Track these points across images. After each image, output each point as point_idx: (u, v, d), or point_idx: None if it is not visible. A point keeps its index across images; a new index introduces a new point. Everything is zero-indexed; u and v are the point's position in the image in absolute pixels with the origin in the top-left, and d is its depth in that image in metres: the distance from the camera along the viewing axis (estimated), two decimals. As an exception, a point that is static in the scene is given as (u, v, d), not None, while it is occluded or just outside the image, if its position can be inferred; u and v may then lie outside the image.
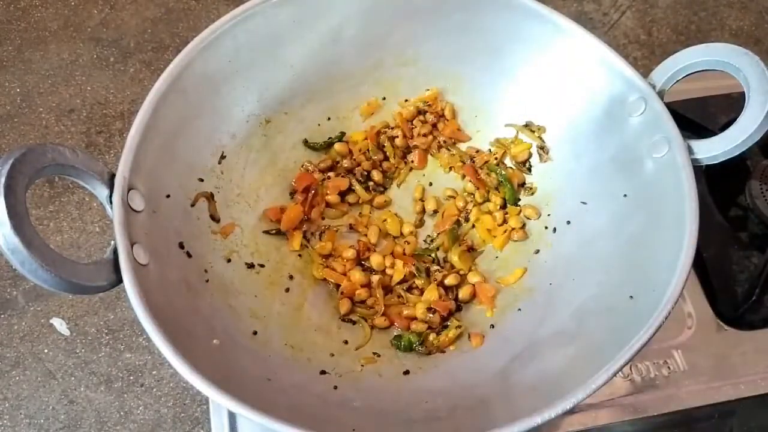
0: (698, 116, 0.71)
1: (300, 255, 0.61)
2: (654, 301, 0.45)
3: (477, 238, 0.62)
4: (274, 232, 0.60)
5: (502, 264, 0.61)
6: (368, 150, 0.64)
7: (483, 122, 0.66)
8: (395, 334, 0.57)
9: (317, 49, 0.61)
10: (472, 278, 0.59)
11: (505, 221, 0.61)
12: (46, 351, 0.78)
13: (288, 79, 0.61)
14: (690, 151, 0.51)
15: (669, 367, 0.61)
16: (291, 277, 0.59)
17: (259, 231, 0.60)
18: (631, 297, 0.48)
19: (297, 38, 0.60)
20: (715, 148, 0.51)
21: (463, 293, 0.58)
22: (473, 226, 0.62)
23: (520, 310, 0.57)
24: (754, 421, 0.62)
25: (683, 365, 0.61)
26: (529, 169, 0.63)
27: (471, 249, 0.61)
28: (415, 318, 0.57)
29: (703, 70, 0.53)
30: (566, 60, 0.58)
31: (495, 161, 0.63)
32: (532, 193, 0.62)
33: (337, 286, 0.59)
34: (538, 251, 0.60)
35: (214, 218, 0.57)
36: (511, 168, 0.63)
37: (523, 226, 0.61)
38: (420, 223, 0.63)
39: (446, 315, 0.56)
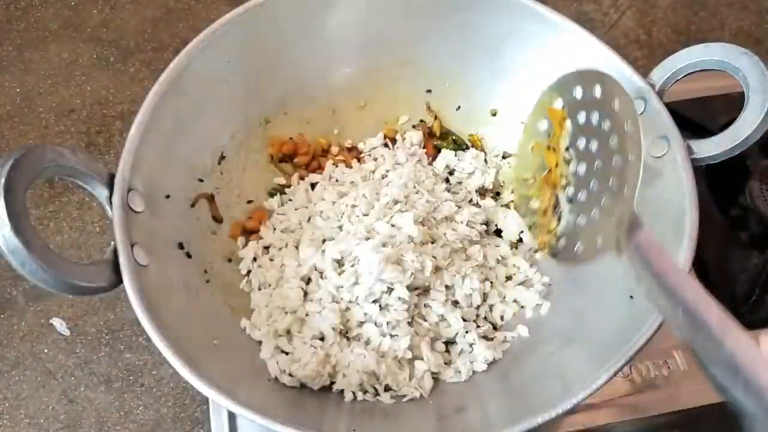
0: (698, 116, 0.71)
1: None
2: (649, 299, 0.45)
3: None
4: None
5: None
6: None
7: (481, 123, 0.66)
8: None
9: (316, 49, 0.61)
10: None
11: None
12: (46, 351, 0.78)
13: (287, 79, 0.61)
14: (690, 150, 0.51)
15: (669, 367, 0.61)
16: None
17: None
18: (631, 297, 0.48)
19: (296, 38, 0.60)
20: (714, 148, 0.51)
21: None
22: None
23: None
24: (754, 421, 0.62)
25: (683, 365, 0.61)
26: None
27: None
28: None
29: (702, 70, 0.53)
30: (566, 60, 0.58)
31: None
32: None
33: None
34: (537, 251, 0.60)
35: (217, 219, 0.57)
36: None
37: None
38: None
39: None
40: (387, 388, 0.51)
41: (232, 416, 0.61)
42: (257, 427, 0.43)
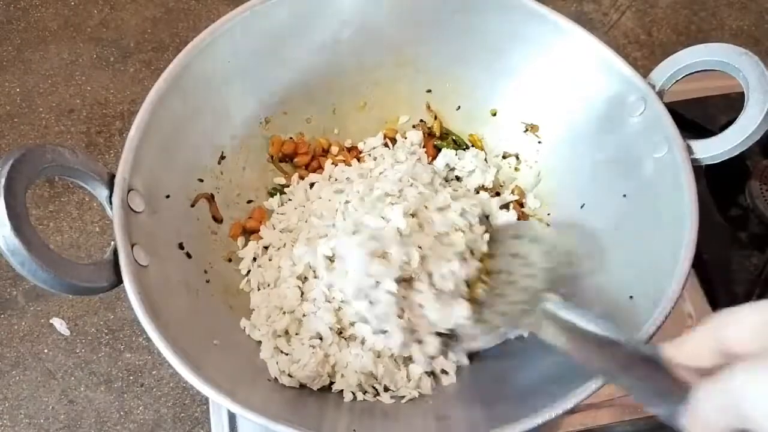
0: (698, 116, 0.71)
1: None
2: (654, 300, 0.45)
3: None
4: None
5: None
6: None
7: (481, 123, 0.66)
8: None
9: (317, 49, 0.61)
10: None
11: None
12: (46, 351, 0.78)
13: (287, 79, 0.61)
14: (690, 150, 0.51)
15: (669, 367, 0.61)
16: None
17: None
18: (631, 297, 0.48)
19: (296, 38, 0.60)
20: (714, 148, 0.51)
21: None
22: None
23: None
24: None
25: (683, 365, 0.61)
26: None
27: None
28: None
29: (702, 70, 0.53)
30: (566, 60, 0.58)
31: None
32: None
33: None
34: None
35: (216, 219, 0.57)
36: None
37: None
38: None
39: None
40: (387, 389, 0.51)
41: (232, 416, 0.61)
42: (257, 427, 0.43)
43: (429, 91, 0.66)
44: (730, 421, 0.24)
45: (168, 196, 0.52)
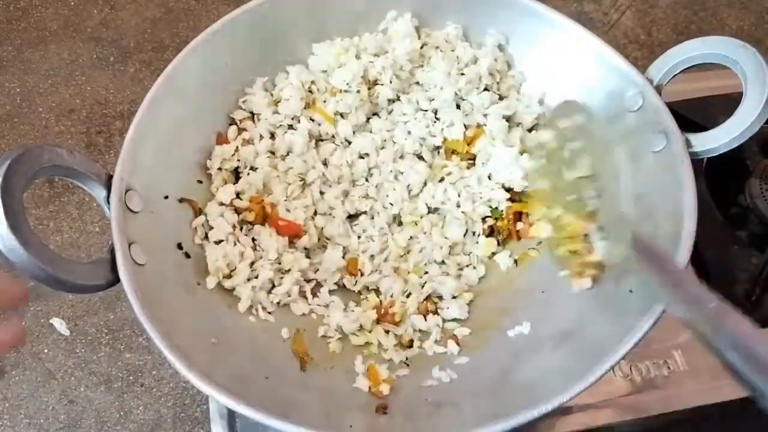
0: (698, 116, 0.71)
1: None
2: (653, 294, 0.45)
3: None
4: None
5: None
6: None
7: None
8: None
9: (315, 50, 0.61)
10: None
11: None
12: (46, 351, 0.78)
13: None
14: (688, 144, 0.51)
15: (669, 367, 0.61)
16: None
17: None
18: (631, 291, 0.48)
19: (296, 39, 0.60)
20: (713, 141, 0.51)
21: None
22: None
23: (520, 308, 0.57)
24: (754, 421, 0.62)
25: (683, 365, 0.61)
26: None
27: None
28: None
29: (700, 64, 0.53)
30: (564, 57, 0.58)
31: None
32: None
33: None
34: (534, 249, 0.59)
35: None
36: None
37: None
38: None
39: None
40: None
41: (231, 416, 0.61)
42: (257, 426, 0.43)
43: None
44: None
45: (167, 197, 0.52)
